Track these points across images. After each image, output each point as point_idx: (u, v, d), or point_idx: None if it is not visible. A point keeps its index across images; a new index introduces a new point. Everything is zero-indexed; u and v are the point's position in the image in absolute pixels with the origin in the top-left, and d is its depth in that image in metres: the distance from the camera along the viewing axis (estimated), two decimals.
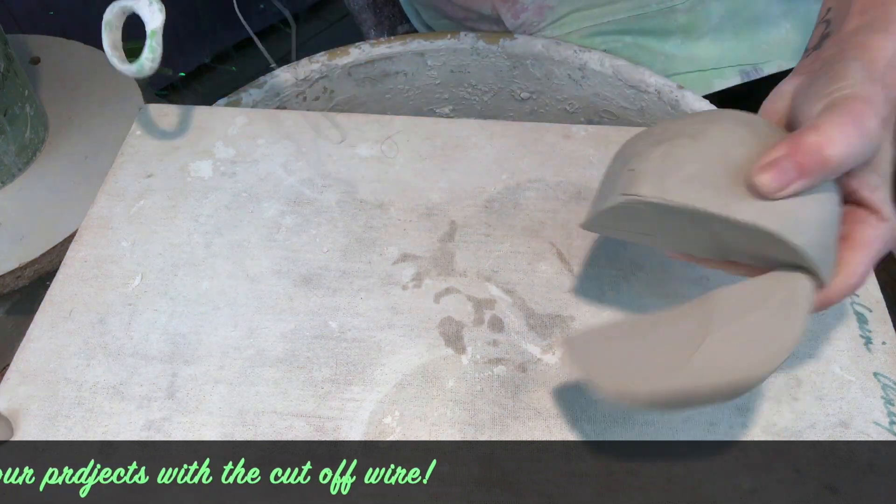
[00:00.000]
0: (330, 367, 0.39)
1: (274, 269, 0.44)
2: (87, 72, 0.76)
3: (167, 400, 0.38)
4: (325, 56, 0.60)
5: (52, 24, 1.12)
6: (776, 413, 0.37)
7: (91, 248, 0.45)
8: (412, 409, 0.37)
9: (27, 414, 0.37)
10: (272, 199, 0.47)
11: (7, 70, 0.60)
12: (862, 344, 0.40)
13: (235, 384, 0.38)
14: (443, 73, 0.63)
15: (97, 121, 0.71)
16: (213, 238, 0.45)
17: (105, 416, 0.37)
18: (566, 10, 0.62)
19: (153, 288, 0.43)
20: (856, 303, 0.42)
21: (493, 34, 0.61)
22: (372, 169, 0.49)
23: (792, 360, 0.39)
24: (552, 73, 0.61)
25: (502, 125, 0.52)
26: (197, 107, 0.54)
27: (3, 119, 0.60)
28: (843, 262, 0.31)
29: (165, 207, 0.47)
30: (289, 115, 0.53)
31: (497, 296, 0.42)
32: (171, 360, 0.39)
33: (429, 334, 0.41)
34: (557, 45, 0.59)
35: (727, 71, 0.62)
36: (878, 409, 0.37)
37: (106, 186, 0.48)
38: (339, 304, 0.42)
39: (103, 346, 0.40)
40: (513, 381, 0.39)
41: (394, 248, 0.45)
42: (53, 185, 0.65)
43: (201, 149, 0.51)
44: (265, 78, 0.58)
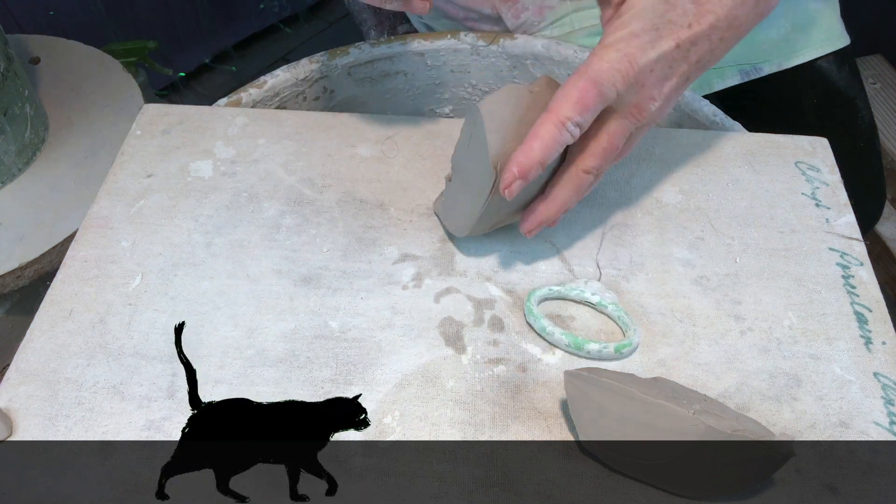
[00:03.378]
0: (330, 367, 0.39)
1: (274, 269, 0.44)
2: (87, 72, 0.76)
3: (167, 400, 0.38)
4: (325, 56, 0.60)
5: (52, 24, 1.12)
6: (776, 413, 0.37)
7: (91, 248, 0.45)
8: (412, 409, 0.37)
9: (27, 414, 0.37)
10: (272, 199, 0.48)
11: (7, 70, 0.60)
12: (862, 344, 0.40)
13: (235, 384, 0.38)
14: (443, 73, 0.63)
15: (97, 121, 0.71)
16: (214, 238, 0.45)
17: (105, 416, 0.37)
18: (566, 10, 0.62)
19: (153, 288, 0.43)
20: (856, 303, 0.42)
21: (493, 34, 0.61)
22: (372, 169, 0.49)
23: (792, 360, 0.39)
24: (552, 73, 0.61)
25: None
26: (197, 107, 0.54)
27: (3, 119, 0.60)
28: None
29: (165, 207, 0.47)
30: (289, 115, 0.53)
31: (497, 296, 0.42)
32: (171, 360, 0.39)
33: (429, 334, 0.41)
34: (558, 45, 0.59)
35: (727, 70, 0.62)
36: (878, 409, 0.37)
37: (106, 186, 0.48)
38: (340, 303, 0.42)
39: (103, 345, 0.40)
40: (513, 381, 0.39)
41: (394, 248, 0.45)
42: (53, 185, 0.65)
43: (201, 149, 0.51)
44: (265, 78, 0.58)
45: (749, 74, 0.61)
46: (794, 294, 0.42)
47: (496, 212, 0.41)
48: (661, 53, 0.35)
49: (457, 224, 0.43)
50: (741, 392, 0.38)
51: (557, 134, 0.36)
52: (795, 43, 0.61)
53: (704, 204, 0.47)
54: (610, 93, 0.35)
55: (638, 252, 0.44)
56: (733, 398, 0.38)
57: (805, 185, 0.48)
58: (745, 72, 0.61)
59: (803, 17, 0.61)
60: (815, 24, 0.62)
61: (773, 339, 0.40)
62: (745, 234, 0.45)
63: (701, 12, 0.34)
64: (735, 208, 0.47)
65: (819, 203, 0.47)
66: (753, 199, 0.47)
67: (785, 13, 0.61)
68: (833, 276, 0.43)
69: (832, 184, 0.48)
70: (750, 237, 0.45)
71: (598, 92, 0.35)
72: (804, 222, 0.46)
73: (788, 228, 0.45)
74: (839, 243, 0.44)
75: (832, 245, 0.44)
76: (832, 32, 0.63)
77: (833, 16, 0.63)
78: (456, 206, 0.43)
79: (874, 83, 1.16)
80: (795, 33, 0.61)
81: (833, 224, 0.45)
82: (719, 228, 0.46)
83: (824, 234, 0.45)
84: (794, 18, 0.61)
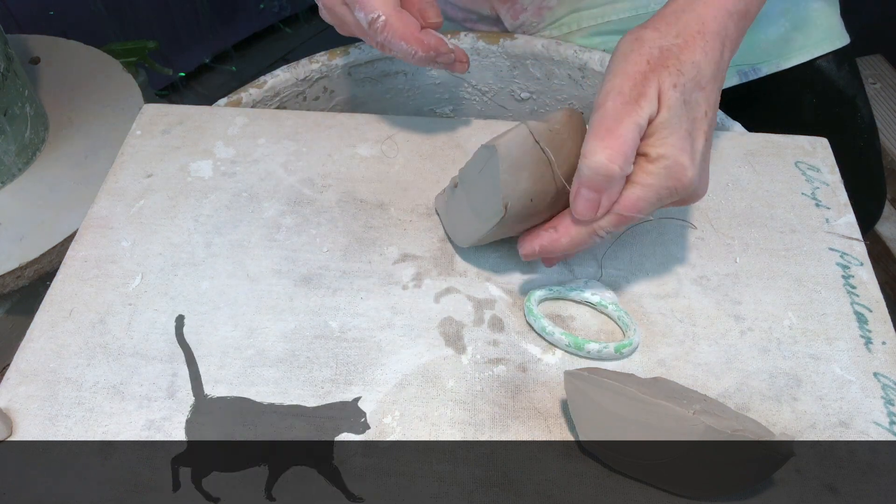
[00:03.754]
0: (330, 367, 0.39)
1: (274, 269, 0.44)
2: (87, 72, 0.76)
3: (167, 400, 0.38)
4: (325, 56, 0.60)
5: (52, 24, 1.12)
6: (776, 413, 0.37)
7: (91, 248, 0.45)
8: (412, 409, 0.37)
9: (27, 414, 0.37)
10: (272, 199, 0.48)
11: (7, 70, 0.60)
12: (862, 344, 0.40)
13: (235, 384, 0.38)
14: (443, 73, 0.63)
15: (97, 121, 0.71)
16: (213, 238, 0.45)
17: (105, 416, 0.37)
18: (565, 11, 0.62)
19: (153, 288, 0.43)
20: (856, 303, 0.42)
21: (493, 34, 0.61)
22: (372, 169, 0.49)
23: (792, 360, 0.39)
24: (552, 73, 0.61)
25: (502, 125, 0.52)
26: (197, 107, 0.54)
27: (3, 119, 0.60)
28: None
29: (165, 207, 0.47)
30: (289, 115, 0.53)
31: (497, 296, 0.42)
32: (171, 360, 0.39)
33: (429, 334, 0.41)
34: (558, 46, 0.59)
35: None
36: (878, 409, 0.37)
37: (106, 186, 0.48)
38: (340, 303, 0.42)
39: (103, 345, 0.40)
40: (513, 381, 0.39)
41: (394, 248, 0.45)
42: (53, 185, 0.65)
43: (201, 149, 0.51)
44: (265, 78, 0.58)
45: (747, 75, 0.61)
46: (794, 294, 0.42)
47: (499, 235, 0.41)
48: (699, 154, 0.36)
49: (458, 234, 0.44)
50: (741, 392, 0.38)
51: (587, 239, 0.37)
52: (794, 42, 0.61)
53: (704, 204, 0.47)
54: (654, 207, 0.36)
55: (638, 252, 0.44)
56: (733, 398, 0.38)
57: (805, 185, 0.48)
58: (743, 72, 0.61)
59: (803, 16, 0.61)
60: (815, 24, 0.62)
61: (773, 339, 0.40)
62: (745, 234, 0.45)
63: (706, 96, 0.35)
64: (735, 208, 0.47)
65: (819, 203, 0.47)
66: (753, 199, 0.47)
67: (784, 12, 0.61)
68: (833, 276, 0.43)
69: (832, 184, 0.48)
70: (750, 237, 0.45)
71: (639, 210, 0.35)
72: (804, 222, 0.46)
73: (788, 228, 0.45)
74: (839, 243, 0.44)
75: (832, 245, 0.44)
76: (831, 32, 0.62)
77: (833, 15, 0.63)
78: (460, 219, 0.43)
79: (874, 83, 1.16)
80: (794, 33, 0.61)
81: (833, 224, 0.45)
82: (719, 228, 0.46)
83: (824, 234, 0.45)
84: (794, 18, 0.61)
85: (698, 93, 0.35)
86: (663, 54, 0.35)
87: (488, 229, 0.39)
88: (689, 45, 0.35)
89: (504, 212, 0.38)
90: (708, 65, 0.35)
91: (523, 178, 0.37)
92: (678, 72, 0.35)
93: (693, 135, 0.35)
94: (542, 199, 0.38)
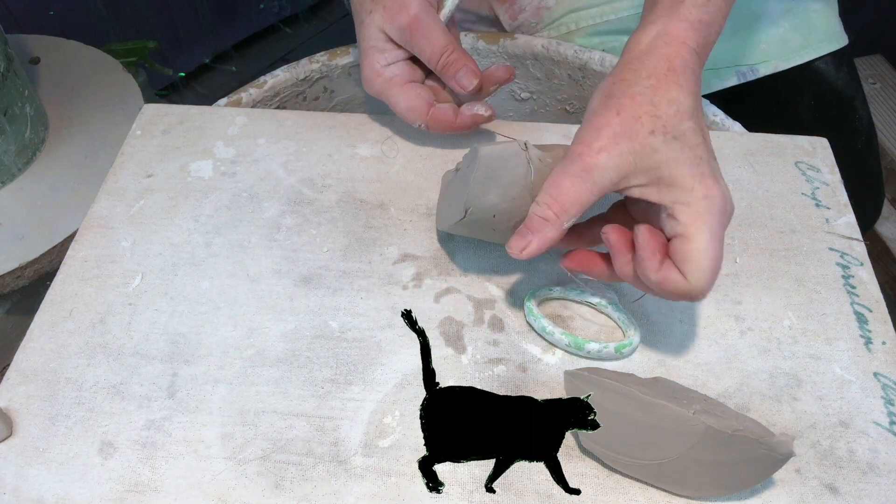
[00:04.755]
0: (330, 367, 0.39)
1: (274, 269, 0.44)
2: (87, 72, 0.76)
3: (167, 400, 0.38)
4: (325, 56, 0.60)
5: (52, 24, 1.12)
6: (776, 413, 0.37)
7: (91, 248, 0.45)
8: (412, 409, 0.37)
9: (27, 414, 0.37)
10: (272, 199, 0.48)
11: (7, 70, 0.60)
12: (862, 344, 0.40)
13: (235, 384, 0.38)
14: None
15: (97, 121, 0.71)
16: (213, 238, 0.45)
17: (105, 416, 0.37)
18: (563, 11, 0.62)
19: (153, 288, 0.43)
20: (856, 303, 0.42)
21: (493, 34, 0.61)
22: (372, 169, 0.49)
23: (792, 360, 0.39)
24: (552, 73, 0.61)
25: (502, 125, 0.52)
26: (197, 107, 0.54)
27: (3, 119, 0.60)
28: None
29: (165, 207, 0.47)
30: (289, 115, 0.53)
31: (497, 296, 0.42)
32: (171, 360, 0.39)
33: (429, 334, 0.41)
34: (558, 46, 0.59)
35: (724, 71, 0.61)
36: (878, 409, 0.37)
37: (106, 186, 0.48)
38: (340, 303, 0.42)
39: (103, 345, 0.40)
40: (513, 381, 0.39)
41: (394, 248, 0.45)
42: (53, 185, 0.65)
43: (201, 149, 0.51)
44: (265, 78, 0.58)
45: (746, 76, 0.61)
46: (794, 294, 0.42)
47: (475, 235, 0.41)
48: (717, 170, 0.35)
49: (439, 215, 0.44)
50: (741, 392, 0.38)
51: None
52: (793, 43, 0.61)
53: None
54: (719, 239, 0.35)
55: None
56: (733, 398, 0.38)
57: (805, 185, 0.48)
58: (742, 73, 0.61)
59: (802, 17, 0.61)
60: (814, 25, 0.62)
61: (773, 339, 0.40)
62: (745, 234, 0.45)
63: (696, 124, 0.35)
64: (735, 208, 0.47)
65: (819, 203, 0.47)
66: (753, 199, 0.47)
67: (784, 12, 0.61)
68: (833, 276, 0.43)
69: (832, 184, 0.48)
70: (750, 237, 0.45)
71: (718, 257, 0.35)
72: (804, 222, 0.46)
73: (788, 228, 0.45)
74: (839, 243, 0.44)
75: (832, 245, 0.44)
76: (830, 33, 0.62)
77: (831, 16, 0.63)
78: (444, 202, 0.43)
79: (874, 83, 1.16)
80: (793, 34, 0.61)
81: (833, 224, 0.45)
82: None
83: (824, 234, 0.45)
84: (793, 19, 0.61)
85: (687, 122, 0.35)
86: (635, 101, 0.35)
87: (450, 224, 0.39)
88: (663, 83, 0.35)
89: (464, 215, 0.37)
90: (686, 97, 0.35)
91: (492, 192, 0.37)
92: (653, 117, 0.34)
93: (701, 157, 0.35)
94: (504, 220, 0.38)
